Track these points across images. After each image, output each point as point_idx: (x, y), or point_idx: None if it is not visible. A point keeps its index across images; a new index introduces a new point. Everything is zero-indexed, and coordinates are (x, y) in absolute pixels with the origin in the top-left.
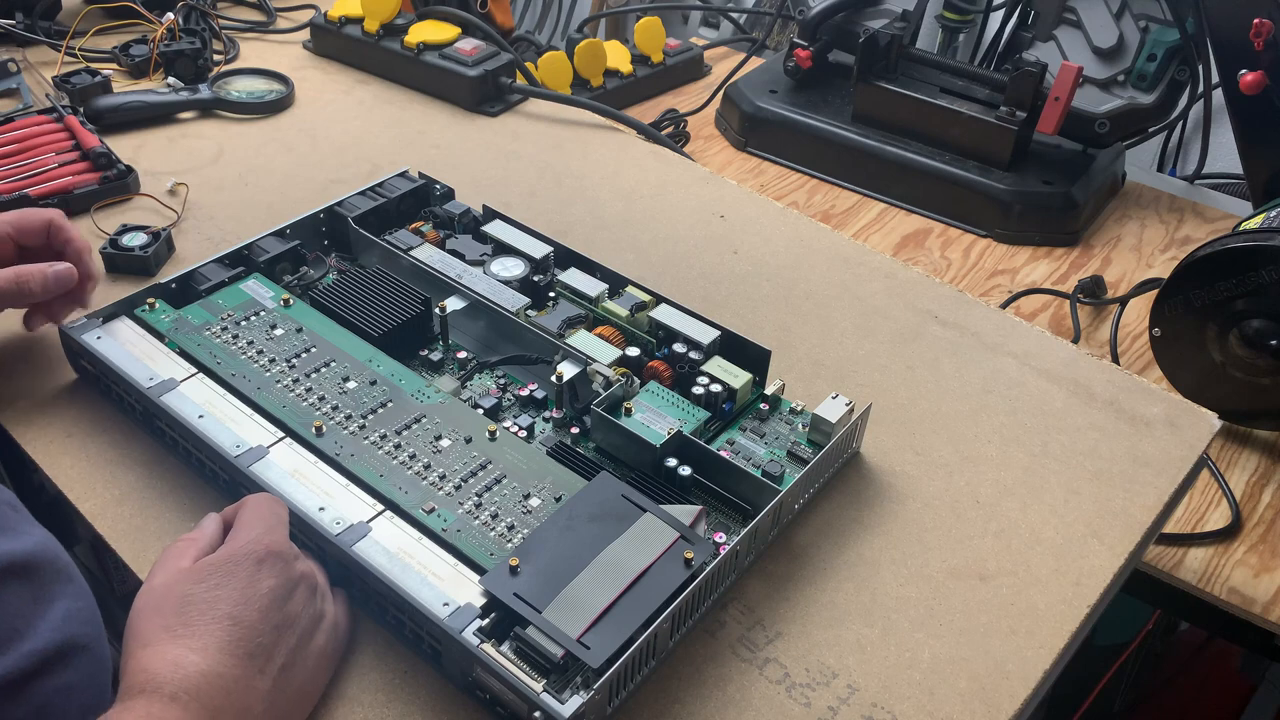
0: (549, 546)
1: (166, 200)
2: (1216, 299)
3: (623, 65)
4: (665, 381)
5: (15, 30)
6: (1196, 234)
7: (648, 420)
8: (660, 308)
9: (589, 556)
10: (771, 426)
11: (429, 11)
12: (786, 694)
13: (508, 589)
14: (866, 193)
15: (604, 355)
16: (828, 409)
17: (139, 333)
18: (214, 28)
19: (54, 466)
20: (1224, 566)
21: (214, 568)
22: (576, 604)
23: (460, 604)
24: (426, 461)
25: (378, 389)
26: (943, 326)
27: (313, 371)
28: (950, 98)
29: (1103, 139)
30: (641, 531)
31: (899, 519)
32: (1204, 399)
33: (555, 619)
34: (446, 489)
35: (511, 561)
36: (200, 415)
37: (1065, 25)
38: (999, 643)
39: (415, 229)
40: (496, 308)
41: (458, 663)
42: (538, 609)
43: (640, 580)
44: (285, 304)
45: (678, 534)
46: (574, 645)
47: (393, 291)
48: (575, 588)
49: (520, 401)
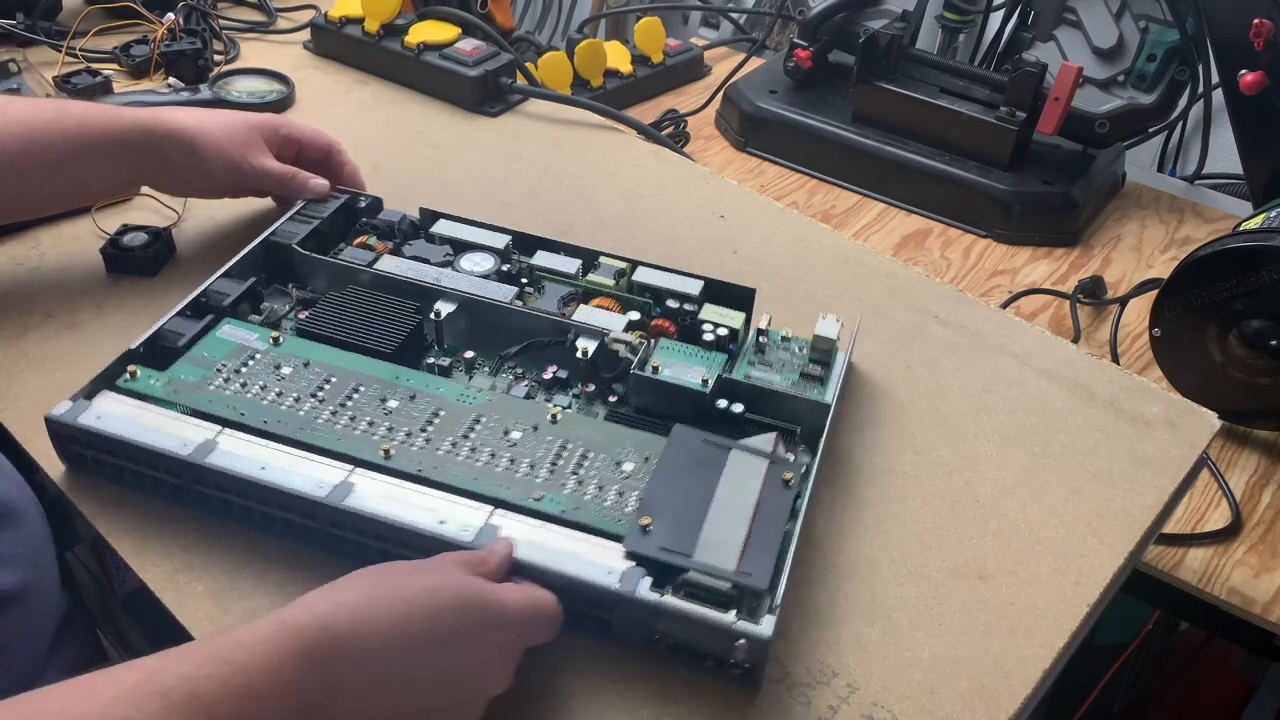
0: (665, 501)
1: (167, 200)
2: (1216, 299)
3: (623, 65)
4: (673, 336)
5: (16, 30)
6: (1196, 234)
7: (678, 373)
8: (639, 271)
9: (706, 500)
10: (774, 356)
11: (429, 12)
12: (786, 693)
13: (652, 546)
14: (866, 193)
15: (613, 324)
16: (824, 328)
17: (133, 404)
18: (214, 28)
19: (54, 466)
20: (1224, 566)
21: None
22: (718, 543)
23: (619, 570)
24: (509, 456)
25: (421, 402)
26: (943, 326)
27: (345, 400)
28: (950, 98)
29: (1103, 139)
30: (736, 468)
31: (899, 519)
32: (1204, 399)
33: (707, 559)
34: (542, 475)
35: (642, 521)
36: (262, 468)
37: (1065, 25)
38: (999, 642)
39: (362, 244)
40: (492, 302)
41: (636, 624)
42: (688, 555)
43: (759, 509)
44: (275, 342)
45: (768, 461)
46: (737, 576)
47: (381, 307)
48: (709, 530)
49: (545, 385)
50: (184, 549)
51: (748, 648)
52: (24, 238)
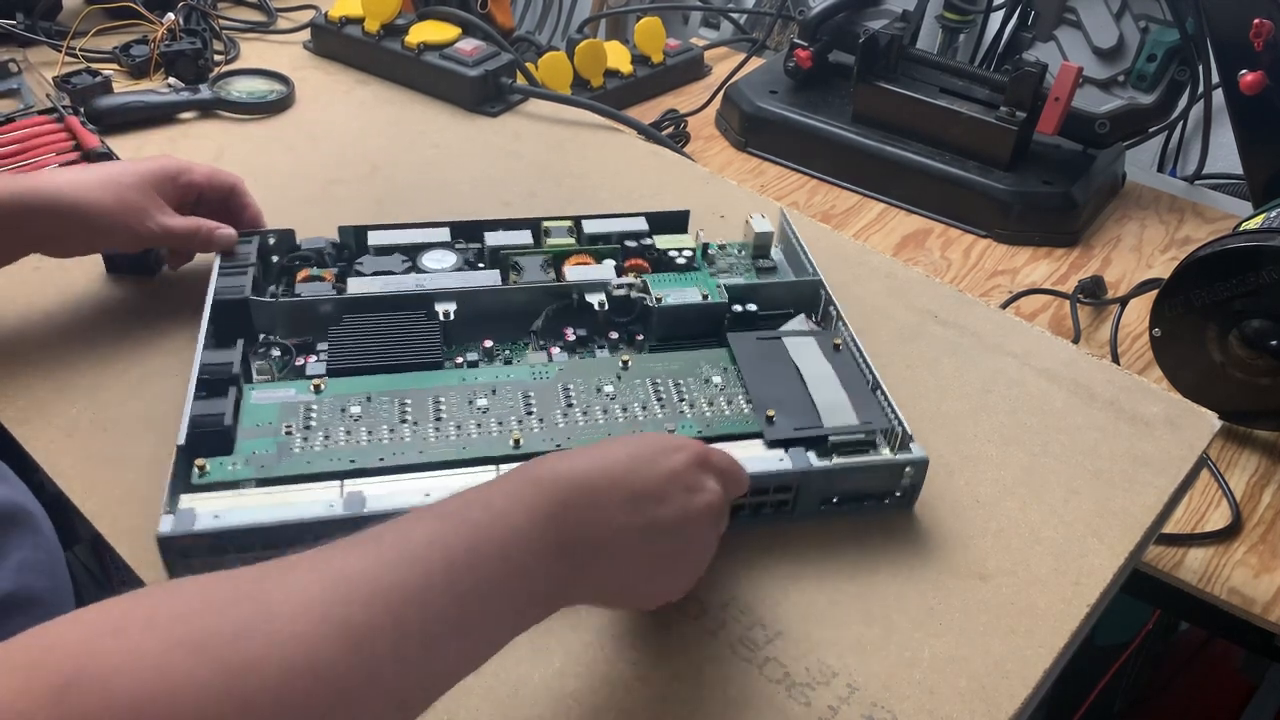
0: (770, 393)
1: None
2: (1216, 299)
3: (623, 65)
4: (650, 270)
5: (16, 30)
6: (1196, 234)
7: (685, 297)
8: (586, 224)
9: (798, 381)
10: (724, 263)
11: (429, 12)
12: (786, 694)
13: (788, 429)
14: (866, 193)
15: (605, 274)
16: (759, 224)
17: (230, 495)
18: (214, 28)
19: (54, 466)
20: (1224, 566)
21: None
22: (832, 407)
23: (780, 456)
24: (621, 405)
25: (508, 391)
26: (943, 326)
27: (436, 417)
28: (950, 98)
29: (1103, 139)
30: (796, 350)
31: (899, 518)
32: (1204, 399)
33: (835, 423)
34: (655, 412)
35: (768, 414)
36: (426, 494)
37: (1065, 25)
38: (999, 642)
39: (307, 277)
40: (489, 289)
41: (814, 494)
42: (820, 425)
43: (838, 372)
44: (318, 389)
45: (813, 336)
46: (866, 426)
47: (393, 325)
48: (819, 401)
49: (571, 346)
50: None
51: (913, 472)
52: None
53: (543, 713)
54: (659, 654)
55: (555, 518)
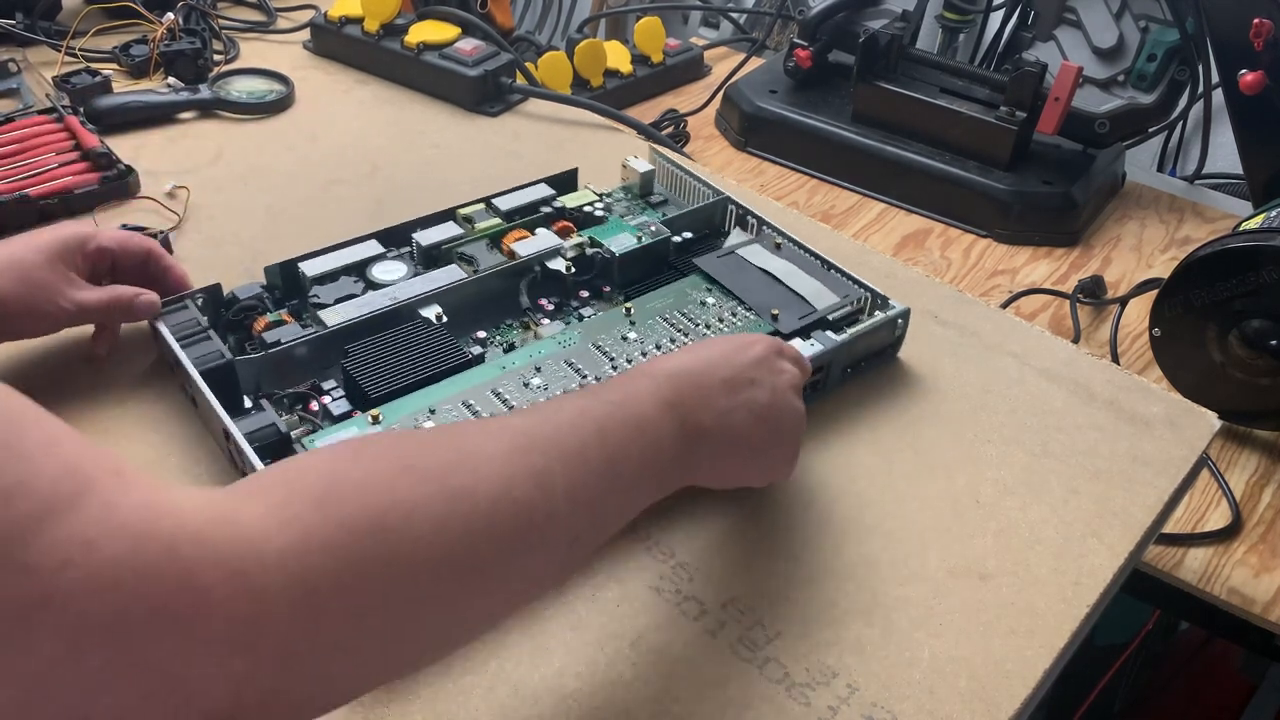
0: (760, 297)
1: (168, 203)
2: (1216, 299)
3: (623, 65)
4: (577, 229)
5: (15, 30)
6: (1196, 234)
7: (627, 242)
8: (497, 202)
9: (773, 280)
10: (619, 208)
11: (429, 11)
12: (786, 694)
13: (794, 321)
14: (866, 193)
15: (550, 241)
16: (639, 166)
17: None
18: (214, 28)
19: None
20: (1224, 566)
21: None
22: (813, 293)
23: (811, 342)
24: (654, 343)
25: (550, 365)
26: (943, 326)
27: (507, 406)
28: (950, 98)
29: (1103, 139)
30: (753, 257)
31: (899, 518)
32: (1204, 399)
33: (823, 305)
34: (681, 341)
35: (773, 312)
36: None
37: (1065, 25)
38: (999, 642)
39: (267, 325)
40: (462, 282)
41: (839, 366)
42: (815, 310)
43: (795, 264)
44: (376, 420)
45: (756, 243)
46: (845, 300)
47: (400, 340)
48: (802, 292)
49: (553, 314)
50: None
51: (902, 324)
52: None
53: (543, 713)
54: (659, 654)
55: (673, 405)
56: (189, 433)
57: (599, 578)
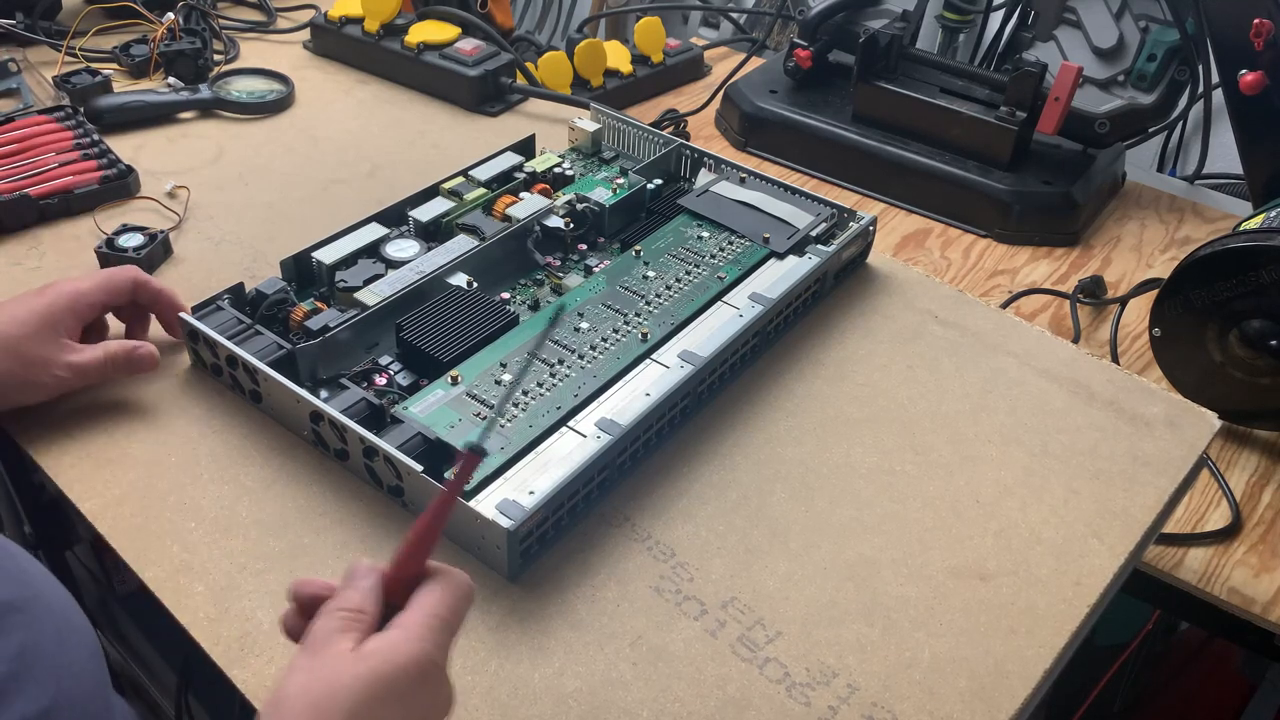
0: (747, 226)
1: (168, 202)
2: (1216, 299)
3: (623, 65)
4: (552, 191)
5: (15, 30)
6: (1196, 234)
7: (604, 195)
8: (474, 172)
9: (754, 210)
10: (580, 169)
11: (429, 11)
12: (786, 694)
13: (784, 242)
14: (866, 193)
15: (539, 203)
16: (587, 125)
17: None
18: (214, 28)
19: (54, 466)
20: (1224, 566)
21: (383, 684)
22: (791, 215)
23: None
24: (675, 276)
25: (591, 309)
26: (943, 326)
27: (578, 352)
28: (950, 98)
29: (1103, 139)
30: (727, 192)
31: (899, 519)
32: (1204, 399)
33: (802, 224)
34: (697, 276)
35: (764, 236)
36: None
37: (1065, 25)
38: (999, 642)
39: (306, 314)
40: (484, 248)
41: (829, 279)
42: (798, 229)
43: (765, 194)
44: (454, 381)
45: (723, 179)
46: (820, 218)
47: (448, 307)
48: (781, 216)
49: (560, 271)
50: (184, 549)
51: (872, 231)
52: (24, 237)
53: (543, 713)
54: (659, 654)
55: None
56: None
57: (599, 578)
